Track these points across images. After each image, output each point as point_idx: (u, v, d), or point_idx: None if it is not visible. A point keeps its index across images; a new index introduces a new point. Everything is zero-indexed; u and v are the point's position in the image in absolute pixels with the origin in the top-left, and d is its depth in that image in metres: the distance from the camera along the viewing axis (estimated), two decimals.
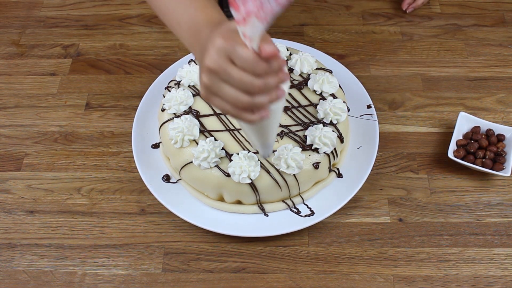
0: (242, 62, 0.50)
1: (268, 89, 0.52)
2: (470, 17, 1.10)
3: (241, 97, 0.52)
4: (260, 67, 0.50)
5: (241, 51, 0.49)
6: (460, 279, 0.75)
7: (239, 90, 0.51)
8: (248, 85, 0.51)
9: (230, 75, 0.51)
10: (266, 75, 0.51)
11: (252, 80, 0.50)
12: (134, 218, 0.82)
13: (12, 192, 0.85)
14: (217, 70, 0.51)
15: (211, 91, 0.54)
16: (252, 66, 0.50)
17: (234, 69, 0.50)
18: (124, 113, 0.95)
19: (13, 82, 1.01)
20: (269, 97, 0.53)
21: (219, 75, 0.51)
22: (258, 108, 0.53)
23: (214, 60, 0.51)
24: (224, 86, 0.52)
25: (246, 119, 0.54)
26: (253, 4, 0.45)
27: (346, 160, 0.84)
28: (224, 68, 0.51)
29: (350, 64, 1.00)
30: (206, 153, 0.73)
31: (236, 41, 0.49)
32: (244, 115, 0.54)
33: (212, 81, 0.52)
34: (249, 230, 0.76)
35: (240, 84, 0.51)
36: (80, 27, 1.10)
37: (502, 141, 0.86)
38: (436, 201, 0.83)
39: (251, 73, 0.50)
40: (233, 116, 0.55)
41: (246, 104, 0.52)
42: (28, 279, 0.76)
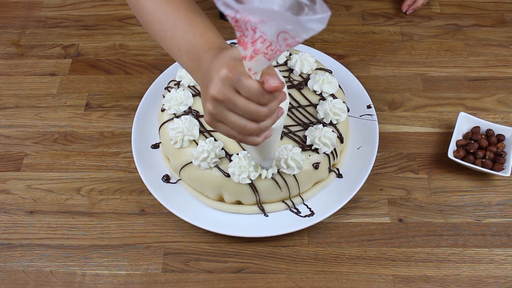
0: (247, 93, 0.51)
1: (272, 113, 0.53)
2: (470, 17, 1.10)
3: (248, 125, 0.53)
4: (265, 98, 0.51)
5: (247, 82, 0.50)
6: (460, 279, 0.75)
7: (245, 118, 0.53)
8: (254, 114, 0.52)
9: (236, 105, 0.52)
10: (270, 102, 0.52)
11: (258, 109, 0.52)
12: (134, 218, 0.82)
13: (12, 192, 0.85)
14: (223, 100, 0.52)
15: (216, 118, 0.55)
16: (257, 97, 0.51)
17: (239, 98, 0.51)
18: (124, 113, 0.95)
19: (13, 82, 1.01)
20: (272, 120, 0.54)
21: (225, 104, 0.52)
22: (263, 132, 0.55)
23: (219, 90, 0.51)
24: (230, 114, 0.53)
25: (252, 143, 0.56)
26: (261, 44, 0.46)
27: (346, 160, 0.84)
28: (229, 97, 0.51)
29: (350, 64, 1.00)
30: (206, 153, 0.73)
31: (241, 72, 0.50)
32: (250, 139, 0.55)
33: (217, 110, 0.53)
34: (249, 230, 0.76)
35: (246, 113, 0.52)
36: (80, 27, 1.10)
37: (502, 141, 0.86)
38: (436, 201, 0.83)
39: (256, 103, 0.51)
40: (238, 141, 0.56)
41: (253, 131, 0.54)
42: (28, 279, 0.76)
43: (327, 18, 0.42)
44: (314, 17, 0.43)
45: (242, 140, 0.56)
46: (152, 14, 0.67)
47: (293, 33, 0.44)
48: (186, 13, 0.65)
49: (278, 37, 0.45)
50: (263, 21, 0.44)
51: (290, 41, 0.45)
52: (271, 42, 0.45)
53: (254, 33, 0.45)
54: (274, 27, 0.44)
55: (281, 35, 0.44)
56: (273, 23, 0.43)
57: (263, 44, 0.46)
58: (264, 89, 0.50)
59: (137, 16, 0.71)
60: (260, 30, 0.44)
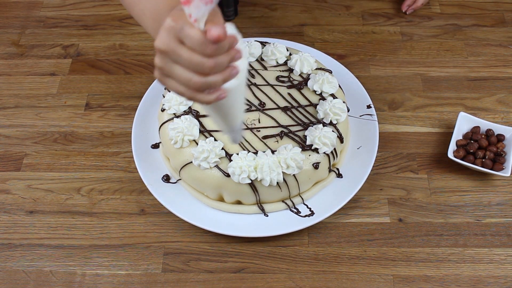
0: (191, 42, 0.48)
1: (220, 68, 0.51)
2: (470, 17, 1.10)
3: (193, 78, 0.50)
4: (208, 48, 0.48)
5: (189, 31, 0.48)
6: (460, 279, 0.75)
7: (190, 70, 0.50)
8: (198, 66, 0.49)
9: (180, 56, 0.49)
10: (217, 54, 0.49)
11: (202, 60, 0.49)
12: (134, 218, 0.82)
13: (12, 192, 0.85)
14: (167, 51, 0.50)
15: (163, 73, 0.53)
16: (201, 47, 0.48)
17: (183, 49, 0.49)
18: (124, 113, 0.95)
19: (13, 82, 1.01)
20: (222, 76, 0.51)
21: (170, 56, 0.50)
22: (212, 88, 0.52)
23: (164, 41, 0.50)
24: (176, 67, 0.51)
25: (202, 100, 0.53)
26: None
27: (346, 160, 0.84)
28: (173, 48, 0.50)
29: (350, 64, 1.00)
30: (206, 153, 0.73)
31: (185, 21, 0.48)
32: (199, 96, 0.52)
33: (163, 63, 0.52)
34: (249, 230, 0.76)
35: (191, 64, 0.50)
36: (80, 27, 1.10)
37: (502, 141, 0.86)
38: (436, 201, 0.83)
39: (200, 54, 0.49)
40: (188, 98, 0.53)
41: (199, 85, 0.51)
42: (27, 279, 0.76)
43: None
44: None
45: (191, 97, 0.53)
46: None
47: None
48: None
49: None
50: None
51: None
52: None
53: None
54: None
55: None
56: None
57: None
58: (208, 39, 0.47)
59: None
60: None
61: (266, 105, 0.82)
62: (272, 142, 0.77)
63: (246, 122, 0.80)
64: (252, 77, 0.86)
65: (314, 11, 1.12)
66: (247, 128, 0.79)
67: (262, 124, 0.79)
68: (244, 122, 0.79)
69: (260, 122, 0.80)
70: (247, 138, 0.78)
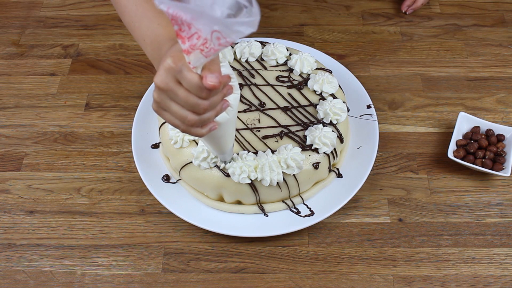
0: (188, 85, 0.51)
1: (214, 106, 0.54)
2: (470, 17, 1.10)
3: (189, 116, 0.54)
4: (204, 93, 0.51)
5: (187, 75, 0.51)
6: (460, 279, 0.75)
7: (186, 109, 0.53)
8: (194, 106, 0.53)
9: (177, 95, 0.53)
10: (211, 96, 0.53)
11: (198, 102, 0.52)
12: (134, 218, 0.82)
13: (12, 192, 0.85)
14: (165, 89, 0.53)
15: (160, 106, 0.56)
16: (197, 91, 0.51)
17: (180, 90, 0.52)
18: (124, 113, 0.95)
19: (13, 82, 1.01)
20: (215, 112, 0.55)
21: (167, 94, 0.53)
22: (206, 123, 0.56)
23: (162, 79, 0.52)
24: (172, 104, 0.54)
25: (196, 134, 0.56)
26: (197, 40, 0.47)
27: (346, 160, 0.84)
28: (171, 87, 0.52)
29: (350, 64, 1.00)
30: (206, 153, 0.74)
31: (184, 63, 0.51)
32: (193, 130, 0.56)
33: (161, 98, 0.54)
34: (249, 230, 0.76)
35: (187, 104, 0.53)
36: (80, 27, 1.10)
37: (502, 141, 0.86)
38: (436, 201, 0.83)
39: (196, 95, 0.52)
40: (182, 131, 0.57)
41: (193, 122, 0.54)
42: (28, 279, 0.76)
43: (257, 22, 0.44)
44: (242, 20, 0.44)
45: (185, 130, 0.56)
46: (124, 5, 0.70)
47: (223, 33, 0.45)
48: (153, 5, 0.66)
49: (212, 35, 0.46)
50: (193, 18, 0.45)
51: (222, 40, 0.46)
52: (206, 39, 0.46)
53: (189, 28, 0.46)
54: (206, 25, 0.45)
55: (215, 34, 0.46)
56: (202, 22, 0.45)
57: (198, 40, 0.47)
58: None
59: (115, 8, 0.73)
60: (195, 26, 0.46)
61: (266, 105, 0.82)
62: (272, 142, 0.77)
63: (246, 122, 0.80)
64: (252, 77, 0.86)
65: (314, 11, 1.12)
66: (247, 128, 0.79)
67: (262, 124, 0.79)
68: (244, 122, 0.79)
69: (260, 122, 0.80)
70: (247, 138, 0.78)
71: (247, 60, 0.88)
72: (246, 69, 0.87)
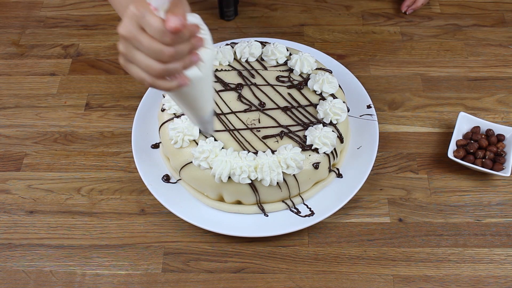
0: (151, 30, 0.50)
1: (181, 56, 0.52)
2: (470, 17, 1.10)
3: (154, 65, 0.52)
4: (167, 37, 0.49)
5: (149, 19, 0.49)
6: (460, 279, 0.75)
7: (151, 57, 0.51)
8: (158, 53, 0.50)
9: (141, 43, 0.51)
10: (177, 43, 0.50)
11: (162, 48, 0.50)
12: (134, 218, 0.82)
13: (12, 192, 0.85)
14: (129, 37, 0.51)
15: (126, 58, 0.54)
16: (160, 35, 0.49)
17: (144, 36, 0.50)
18: (124, 113, 0.95)
19: (13, 82, 1.01)
20: (182, 63, 0.52)
21: (132, 43, 0.52)
22: (173, 75, 0.53)
23: (126, 27, 0.51)
24: (137, 54, 0.52)
25: (163, 87, 0.54)
26: None
27: (346, 160, 0.84)
28: (134, 35, 0.51)
29: (350, 64, 1.00)
30: (206, 153, 0.73)
31: (147, 9, 0.49)
32: (159, 82, 0.54)
33: (126, 49, 0.53)
34: (249, 230, 0.76)
35: (151, 52, 0.51)
36: (80, 27, 1.10)
37: (502, 141, 0.86)
38: (436, 201, 0.83)
39: (160, 42, 0.50)
40: (149, 84, 0.54)
41: (158, 71, 0.52)
42: (28, 279, 0.76)
43: None
44: None
45: (153, 83, 0.54)
46: None
47: None
48: None
49: None
50: None
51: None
52: None
53: None
54: None
55: None
56: None
57: None
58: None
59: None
60: None
61: (266, 105, 0.82)
62: (272, 142, 0.77)
63: (246, 122, 0.80)
64: (252, 77, 0.86)
65: (314, 11, 1.12)
66: (247, 128, 0.79)
67: (262, 124, 0.79)
68: (244, 122, 0.79)
69: (260, 122, 0.80)
70: (247, 138, 0.78)
71: (247, 60, 0.88)
72: (246, 69, 0.87)
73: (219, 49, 0.87)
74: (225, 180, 0.73)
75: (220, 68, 0.87)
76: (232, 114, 0.81)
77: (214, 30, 1.08)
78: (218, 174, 0.72)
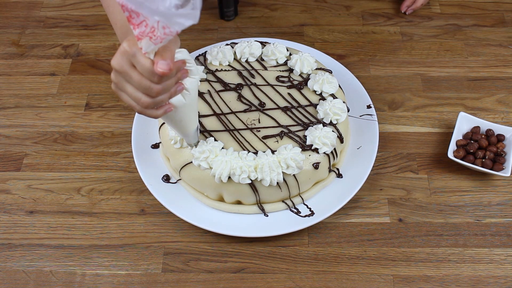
0: (141, 69, 0.54)
1: (167, 90, 0.57)
2: (470, 17, 1.10)
3: (142, 98, 0.57)
4: (156, 78, 0.54)
5: (140, 59, 0.53)
6: (460, 279, 0.75)
7: (140, 91, 0.56)
8: (147, 90, 0.55)
9: (131, 78, 0.55)
10: (164, 81, 0.55)
11: (151, 85, 0.55)
12: (134, 218, 0.82)
13: (12, 192, 0.85)
14: (120, 71, 0.56)
15: (118, 87, 0.58)
16: (149, 75, 0.54)
17: (134, 73, 0.55)
18: (124, 113, 0.95)
19: (13, 82, 1.01)
20: (168, 95, 0.58)
21: (122, 76, 0.56)
22: (160, 105, 0.59)
23: (118, 62, 0.55)
24: (128, 86, 0.57)
25: (151, 116, 0.59)
26: (145, 28, 0.50)
27: (346, 160, 0.84)
28: (126, 70, 0.55)
29: (350, 64, 1.00)
30: (206, 153, 0.73)
31: (138, 48, 0.53)
32: (148, 112, 0.59)
33: (117, 79, 0.57)
34: (249, 230, 0.76)
35: (140, 87, 0.56)
36: (80, 27, 1.10)
37: (502, 141, 0.86)
38: (436, 201, 0.83)
39: (149, 80, 0.54)
40: (139, 112, 0.60)
41: (147, 104, 0.57)
42: (28, 279, 0.76)
43: (197, 15, 0.46)
44: (182, 12, 0.47)
45: (141, 112, 0.59)
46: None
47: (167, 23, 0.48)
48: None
49: (158, 24, 0.49)
50: (137, 8, 0.47)
51: (167, 30, 0.49)
52: (153, 27, 0.49)
53: (138, 16, 0.49)
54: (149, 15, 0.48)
55: (161, 22, 0.48)
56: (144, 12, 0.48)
57: (146, 28, 0.49)
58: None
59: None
60: (143, 14, 0.48)
61: (266, 105, 0.82)
62: (272, 142, 0.77)
63: (246, 122, 0.80)
64: (252, 77, 0.86)
65: (314, 11, 1.12)
66: (247, 128, 0.79)
67: (262, 124, 0.79)
68: (244, 122, 0.79)
69: (260, 122, 0.80)
70: (247, 138, 0.78)
71: (247, 60, 0.88)
72: (246, 69, 0.87)
73: (219, 49, 0.87)
74: (225, 180, 0.73)
75: (220, 68, 0.87)
76: (232, 114, 0.81)
77: (214, 30, 1.08)
78: (218, 174, 0.72)
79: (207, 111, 0.81)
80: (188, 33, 1.06)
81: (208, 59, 0.88)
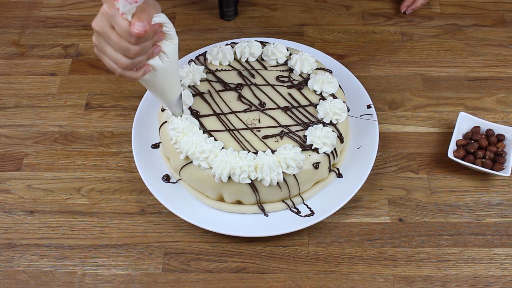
0: (119, 30, 0.56)
1: (145, 51, 0.59)
2: (470, 17, 1.10)
3: (121, 59, 0.58)
4: (133, 39, 0.56)
5: (118, 20, 0.55)
6: (460, 279, 0.75)
7: (119, 52, 0.58)
8: (125, 50, 0.57)
9: (111, 39, 0.57)
10: (142, 42, 0.57)
11: (128, 46, 0.57)
12: (134, 218, 0.82)
13: (12, 192, 0.85)
14: (100, 32, 0.58)
15: (99, 49, 0.60)
16: (127, 36, 0.55)
17: (113, 34, 0.56)
18: (124, 113, 0.95)
19: (13, 82, 1.01)
20: (146, 56, 0.60)
21: (102, 37, 0.58)
22: (139, 66, 0.61)
23: (98, 23, 0.57)
24: (107, 47, 0.59)
25: (131, 77, 0.62)
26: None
27: (346, 160, 0.84)
28: (105, 31, 0.57)
29: (350, 64, 1.00)
30: (206, 153, 0.73)
31: (117, 10, 0.55)
32: (127, 73, 0.61)
33: (98, 41, 0.59)
34: (249, 230, 0.76)
35: (119, 48, 0.57)
36: (80, 27, 1.10)
37: (502, 141, 0.86)
38: (436, 201, 0.83)
39: (127, 41, 0.56)
40: (118, 74, 0.61)
41: (126, 65, 0.59)
42: (28, 279, 0.76)
43: None
44: None
45: (122, 74, 0.61)
46: None
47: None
48: None
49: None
50: None
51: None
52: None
53: None
54: None
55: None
56: None
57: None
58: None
59: None
60: None
61: (266, 105, 0.82)
62: (272, 142, 0.77)
63: (246, 122, 0.80)
64: (252, 77, 0.86)
65: (314, 11, 1.12)
66: (247, 128, 0.79)
67: (262, 124, 0.79)
68: (244, 122, 0.79)
69: (260, 122, 0.80)
70: (247, 138, 0.78)
71: (247, 60, 0.88)
72: (246, 69, 0.87)
73: (219, 49, 0.87)
74: (225, 180, 0.73)
75: (220, 68, 0.87)
76: (232, 114, 0.81)
77: (214, 30, 1.08)
78: (218, 174, 0.72)
79: (207, 111, 0.81)
80: (188, 33, 1.06)
81: (208, 59, 0.88)
